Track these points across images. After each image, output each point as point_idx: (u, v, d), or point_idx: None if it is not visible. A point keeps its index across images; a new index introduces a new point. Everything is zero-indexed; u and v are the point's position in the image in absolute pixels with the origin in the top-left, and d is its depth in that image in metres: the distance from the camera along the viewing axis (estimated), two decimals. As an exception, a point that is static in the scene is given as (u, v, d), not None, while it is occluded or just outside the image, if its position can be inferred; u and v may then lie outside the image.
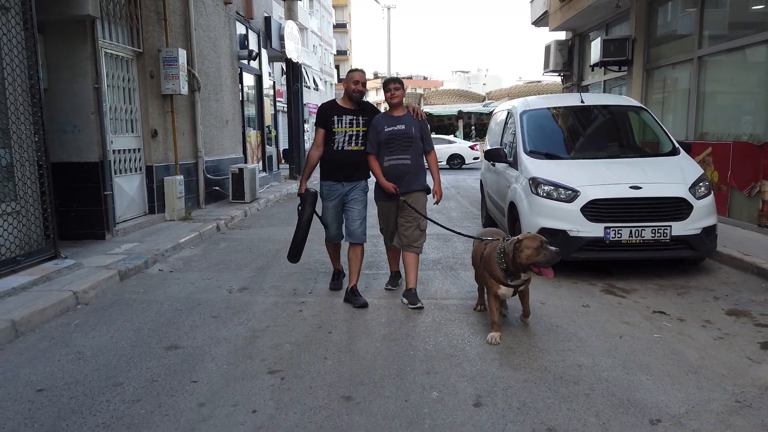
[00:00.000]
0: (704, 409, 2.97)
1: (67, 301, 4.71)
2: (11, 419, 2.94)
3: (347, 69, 41.84)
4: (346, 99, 4.91)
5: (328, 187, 4.96)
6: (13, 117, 5.32)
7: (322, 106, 5.03)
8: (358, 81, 4.81)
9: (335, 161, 4.87)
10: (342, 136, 4.81)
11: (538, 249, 3.77)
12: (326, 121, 4.84)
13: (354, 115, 4.84)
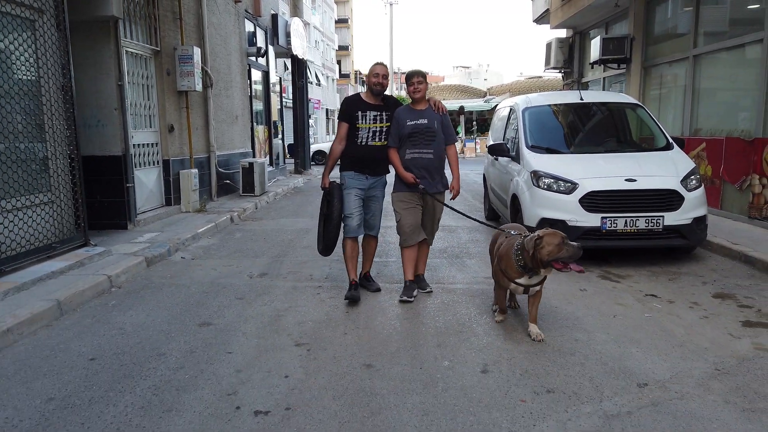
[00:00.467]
0: (686, 375, 3.34)
1: (102, 284, 5.09)
2: (71, 383, 3.31)
3: (349, 64, 42.17)
4: (370, 93, 4.87)
5: (351, 177, 4.90)
6: (47, 113, 5.69)
7: (346, 100, 5.00)
8: (379, 74, 4.78)
9: (359, 156, 4.86)
10: (366, 131, 4.81)
11: (560, 245, 3.73)
12: (350, 115, 4.83)
13: (378, 111, 4.83)
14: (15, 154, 5.26)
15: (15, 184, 5.24)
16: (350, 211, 4.88)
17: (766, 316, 4.36)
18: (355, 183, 4.89)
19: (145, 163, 8.38)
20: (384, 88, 4.83)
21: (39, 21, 5.58)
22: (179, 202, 9.11)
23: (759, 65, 7.38)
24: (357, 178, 4.90)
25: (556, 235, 3.80)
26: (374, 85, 4.79)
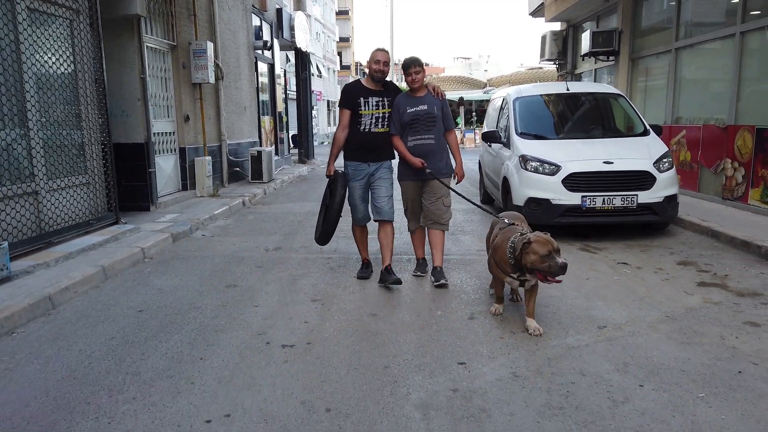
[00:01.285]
0: (640, 320, 4.00)
1: (137, 255, 5.75)
2: (126, 327, 3.97)
3: (350, 55, 42.63)
4: (370, 80, 4.86)
5: (354, 168, 4.94)
6: (83, 103, 6.33)
7: (347, 87, 4.99)
8: (380, 60, 4.76)
9: (362, 143, 4.86)
10: (369, 118, 4.82)
11: (544, 258, 3.58)
12: (353, 102, 4.81)
13: (380, 97, 4.83)
14: (59, 140, 5.91)
15: (60, 167, 5.89)
16: (354, 202, 5.00)
17: (719, 278, 5.01)
18: (358, 174, 4.94)
19: (164, 151, 9.02)
20: (385, 75, 4.83)
21: (76, 21, 6.21)
22: (194, 188, 9.76)
23: (732, 58, 7.99)
24: (359, 167, 4.94)
25: (545, 245, 3.62)
26: (375, 72, 4.77)
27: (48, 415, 2.77)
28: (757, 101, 7.59)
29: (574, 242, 6.44)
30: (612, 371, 3.19)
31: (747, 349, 3.48)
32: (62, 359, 3.44)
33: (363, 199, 5.02)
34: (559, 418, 2.69)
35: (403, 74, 4.84)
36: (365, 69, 5.06)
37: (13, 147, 5.26)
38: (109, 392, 3.00)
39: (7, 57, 5.19)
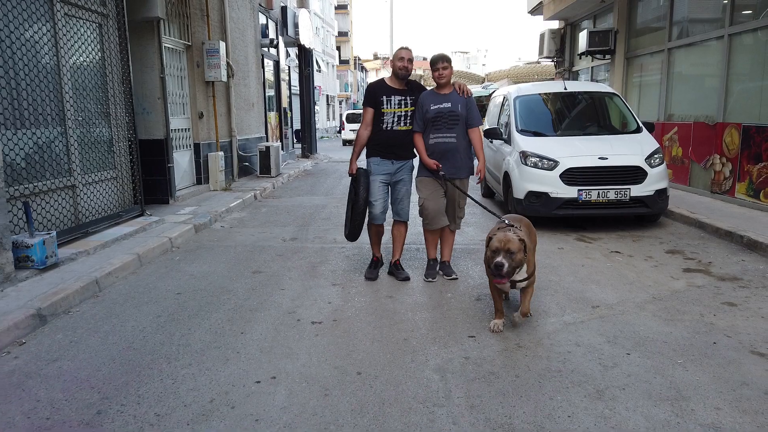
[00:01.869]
0: (629, 301, 4.46)
1: (166, 244, 6.19)
2: (169, 307, 4.42)
3: (349, 50, 42.86)
4: (394, 78, 4.93)
5: (376, 163, 4.99)
6: (112, 102, 6.75)
7: (370, 85, 5.05)
8: (404, 57, 4.81)
9: (384, 141, 4.93)
10: (391, 116, 4.87)
11: (493, 254, 3.62)
12: (375, 101, 4.87)
13: (402, 96, 4.88)
14: (92, 137, 6.34)
15: (92, 162, 6.32)
16: (374, 197, 4.99)
17: (703, 265, 5.48)
18: (380, 169, 4.98)
19: (180, 147, 9.44)
20: (409, 72, 4.87)
21: (105, 25, 6.62)
22: (208, 182, 10.19)
23: (720, 59, 8.43)
24: (382, 164, 4.98)
25: (499, 242, 3.61)
26: (399, 69, 4.83)
27: (119, 377, 3.22)
28: (744, 100, 8.04)
29: (571, 233, 6.90)
30: (603, 342, 3.65)
31: (722, 324, 3.94)
32: (119, 333, 3.89)
33: (382, 196, 5.02)
34: (557, 379, 3.16)
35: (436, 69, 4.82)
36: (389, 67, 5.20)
37: (54, 144, 5.69)
38: (167, 360, 3.46)
39: (49, 61, 5.61)
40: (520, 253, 3.60)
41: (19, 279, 4.56)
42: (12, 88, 5.09)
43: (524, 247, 3.64)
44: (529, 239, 3.82)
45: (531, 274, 3.81)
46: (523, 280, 3.77)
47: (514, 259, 3.57)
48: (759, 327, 3.88)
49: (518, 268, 3.65)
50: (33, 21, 5.40)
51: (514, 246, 3.57)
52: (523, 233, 3.79)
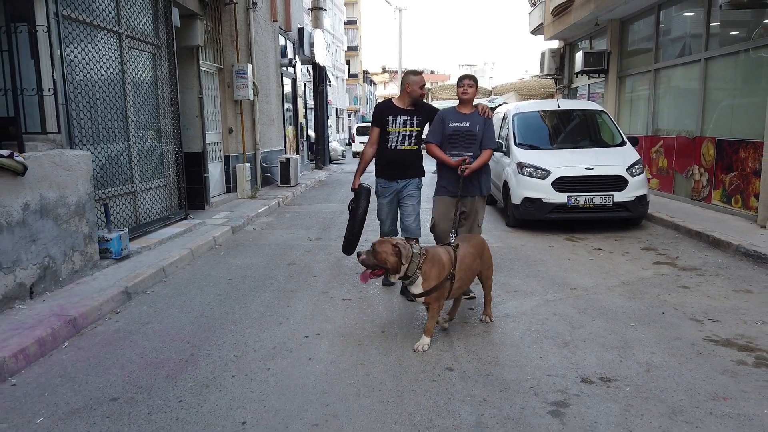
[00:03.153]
0: (602, 285, 5.41)
1: (210, 242, 7.21)
2: (225, 289, 5.42)
3: (358, 64, 43.93)
4: (403, 99, 5.02)
5: (382, 185, 5.12)
6: (162, 120, 7.82)
7: (378, 105, 5.17)
8: (423, 85, 4.99)
9: (389, 160, 5.05)
10: (396, 135, 4.99)
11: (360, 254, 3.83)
12: (381, 120, 5.00)
13: (408, 116, 4.98)
14: (147, 150, 7.40)
15: (148, 172, 7.38)
16: (381, 218, 5.20)
17: (671, 258, 6.43)
18: (385, 191, 5.14)
19: (213, 159, 10.51)
20: (423, 96, 5.07)
21: (157, 54, 7.71)
22: (236, 190, 11.24)
23: (698, 79, 9.41)
24: (387, 186, 5.12)
25: (382, 243, 3.82)
26: (420, 96, 4.99)
27: (200, 334, 4.22)
28: (718, 117, 9.01)
29: (561, 234, 7.86)
30: (575, 313, 4.61)
31: (674, 301, 4.89)
32: (191, 306, 4.90)
33: (390, 215, 5.17)
34: (535, 335, 4.12)
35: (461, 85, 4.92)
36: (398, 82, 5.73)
37: (121, 156, 6.75)
38: (234, 323, 4.46)
39: (118, 86, 6.68)
40: (389, 256, 3.71)
41: (102, 266, 5.59)
42: (94, 110, 6.15)
43: (398, 254, 3.73)
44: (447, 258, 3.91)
45: (428, 291, 3.81)
46: (420, 294, 3.84)
47: (377, 257, 3.73)
48: (702, 303, 4.83)
49: (389, 270, 3.77)
50: (108, 55, 6.48)
51: (382, 247, 3.75)
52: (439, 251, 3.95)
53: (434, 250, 3.96)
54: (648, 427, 2.86)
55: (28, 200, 4.54)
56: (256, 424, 2.95)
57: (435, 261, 3.85)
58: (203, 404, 3.16)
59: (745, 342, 3.95)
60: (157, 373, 3.56)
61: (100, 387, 3.40)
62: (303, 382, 3.42)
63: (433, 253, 3.89)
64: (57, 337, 3.99)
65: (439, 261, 3.87)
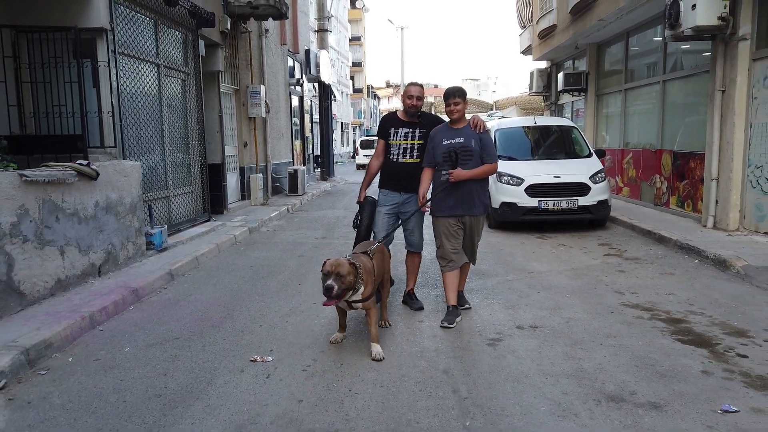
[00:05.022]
0: (554, 270, 6.63)
1: (232, 239, 8.48)
2: (247, 274, 6.67)
3: (362, 79, 45.39)
4: (405, 112, 5.00)
5: (385, 194, 5.11)
6: (190, 135, 9.13)
7: (383, 117, 5.18)
8: (413, 95, 4.84)
9: (392, 172, 5.04)
10: (397, 148, 4.98)
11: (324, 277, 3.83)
12: (385, 132, 5.03)
13: (410, 128, 4.94)
14: (178, 162, 8.71)
15: (179, 180, 8.68)
16: (377, 228, 5.12)
17: (620, 251, 7.64)
18: (387, 200, 5.10)
19: (230, 169, 11.81)
20: (418, 108, 4.91)
21: (187, 79, 9.05)
22: (249, 198, 12.53)
23: (658, 98, 10.68)
24: (390, 195, 5.09)
25: (328, 266, 3.84)
26: (410, 107, 4.90)
27: (232, 302, 5.47)
28: (674, 132, 10.26)
29: (534, 233, 9.09)
30: (526, 288, 5.84)
31: (608, 280, 6.11)
32: (222, 284, 6.16)
33: (385, 227, 5.07)
34: (489, 300, 5.34)
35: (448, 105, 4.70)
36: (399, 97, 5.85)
37: (158, 167, 8.05)
38: (258, 295, 5.70)
39: (155, 106, 8.01)
40: (350, 276, 3.82)
41: (148, 255, 6.86)
42: (138, 127, 7.47)
43: (356, 271, 3.88)
44: (370, 264, 4.14)
45: (367, 297, 3.96)
46: (359, 301, 3.95)
47: (344, 281, 3.78)
48: (630, 282, 6.05)
49: (350, 290, 3.88)
50: (149, 82, 7.81)
51: (344, 269, 3.80)
52: (364, 260, 4.11)
53: (362, 259, 4.12)
54: (553, 351, 4.09)
55: (98, 199, 5.83)
56: (280, 351, 4.19)
57: (367, 269, 4.05)
58: (241, 341, 4.41)
59: (650, 305, 5.17)
60: (204, 324, 4.82)
61: (164, 332, 4.65)
62: (312, 329, 4.67)
63: (364, 261, 4.07)
64: (125, 301, 5.25)
65: (369, 268, 4.10)
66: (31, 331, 4.21)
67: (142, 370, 3.88)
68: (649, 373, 3.67)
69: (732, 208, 8.07)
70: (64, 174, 5.21)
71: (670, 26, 8.29)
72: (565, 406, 3.26)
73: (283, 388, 3.57)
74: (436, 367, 3.86)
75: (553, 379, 3.63)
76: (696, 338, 4.31)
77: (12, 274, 4.63)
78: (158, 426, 3.11)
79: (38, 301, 4.92)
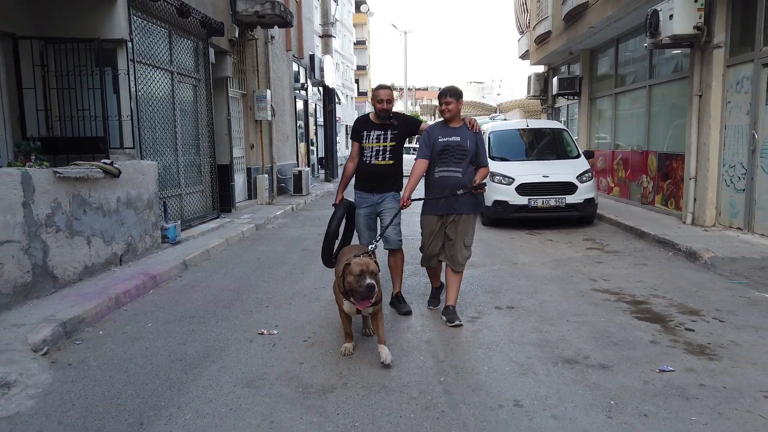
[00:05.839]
0: (538, 261, 7.18)
1: (240, 235, 9.06)
2: (255, 264, 7.24)
3: (367, 82, 46.04)
4: (376, 115, 4.99)
5: (359, 196, 5.12)
6: (201, 138, 9.73)
7: (356, 120, 5.14)
8: (383, 99, 4.85)
9: (366, 174, 5.04)
10: (370, 150, 4.96)
11: (357, 278, 3.64)
12: (358, 135, 5.03)
13: (381, 131, 4.95)
14: (190, 162, 9.31)
15: (190, 179, 9.28)
16: (359, 229, 5.16)
17: (602, 245, 8.17)
18: (362, 202, 5.12)
19: (237, 170, 12.41)
20: (388, 112, 4.91)
21: (198, 85, 9.65)
22: (256, 197, 13.13)
23: (645, 102, 11.21)
24: (364, 197, 5.10)
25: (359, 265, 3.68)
26: (380, 111, 4.91)
27: (241, 287, 6.05)
28: (659, 134, 10.79)
29: (524, 230, 9.63)
30: (509, 276, 6.39)
31: (585, 270, 6.65)
32: (232, 273, 6.73)
33: (368, 227, 5.14)
34: (474, 287, 5.89)
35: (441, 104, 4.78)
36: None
37: (171, 166, 8.65)
38: (265, 282, 6.28)
39: (169, 110, 8.61)
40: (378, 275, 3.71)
41: (163, 247, 7.45)
42: (153, 130, 8.07)
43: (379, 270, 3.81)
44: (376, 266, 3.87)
45: (380, 299, 3.90)
46: (374, 304, 3.80)
47: (377, 280, 3.70)
48: (605, 271, 6.59)
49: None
50: (164, 88, 8.42)
51: (374, 268, 3.73)
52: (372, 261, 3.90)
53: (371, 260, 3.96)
54: (524, 326, 4.64)
55: (120, 195, 6.42)
56: (284, 326, 4.76)
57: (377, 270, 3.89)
58: (250, 319, 4.98)
59: (618, 290, 5.71)
60: (217, 306, 5.39)
61: (182, 311, 5.23)
62: (313, 310, 5.24)
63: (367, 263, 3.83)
64: (146, 286, 5.84)
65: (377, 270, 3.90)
66: (66, 308, 4.80)
67: (164, 340, 4.46)
68: (604, 343, 4.22)
69: (708, 205, 8.60)
70: (92, 171, 5.81)
71: (650, 35, 8.84)
72: (526, 366, 3.82)
73: (286, 354, 4.14)
74: (420, 339, 4.43)
75: (519, 346, 4.18)
76: (653, 316, 4.85)
77: (47, 259, 5.22)
78: (181, 381, 3.68)
79: (69, 285, 5.51)
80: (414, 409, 3.25)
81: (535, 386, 3.52)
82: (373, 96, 4.92)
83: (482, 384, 3.57)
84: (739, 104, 8.04)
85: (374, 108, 4.98)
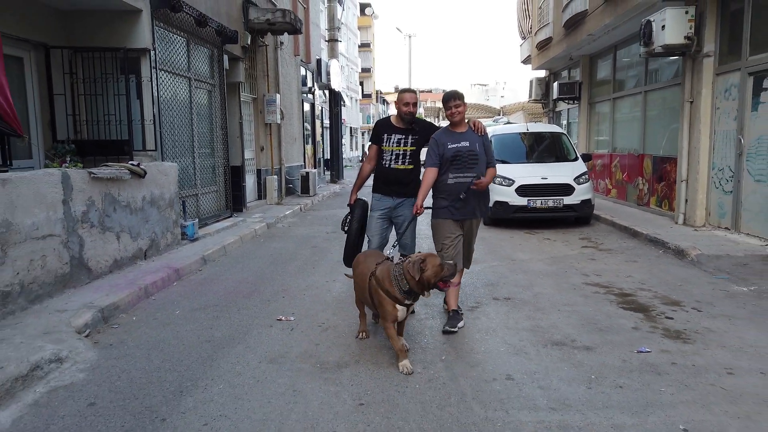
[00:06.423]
0: (535, 258, 7.62)
1: (252, 233, 9.54)
2: (269, 260, 7.71)
3: (371, 85, 46.49)
4: (399, 118, 4.97)
5: (377, 199, 5.07)
6: (215, 140, 10.22)
7: (377, 123, 5.10)
8: (408, 102, 4.83)
9: (385, 177, 5.01)
10: (389, 154, 4.95)
11: (441, 265, 3.81)
12: (378, 137, 5.00)
13: (403, 135, 4.91)
14: (205, 164, 9.79)
15: (205, 180, 9.76)
16: (371, 232, 5.10)
17: (596, 244, 8.61)
18: (379, 205, 5.06)
19: (248, 171, 12.89)
20: (413, 115, 4.88)
21: (213, 90, 10.14)
22: (265, 197, 13.61)
23: (641, 107, 11.65)
24: (382, 200, 5.05)
25: (434, 257, 3.87)
26: (405, 114, 4.87)
27: (258, 280, 6.51)
28: (653, 138, 11.22)
29: (523, 229, 10.08)
30: (507, 271, 6.84)
31: (579, 266, 7.10)
32: (248, 268, 7.20)
33: (379, 232, 5.08)
34: (473, 281, 6.34)
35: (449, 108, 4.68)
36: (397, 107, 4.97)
37: (188, 168, 9.13)
38: (279, 276, 6.74)
39: (187, 115, 9.09)
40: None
41: (182, 244, 7.93)
42: (173, 133, 8.56)
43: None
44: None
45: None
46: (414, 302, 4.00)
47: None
48: (598, 267, 7.03)
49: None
50: (182, 94, 8.91)
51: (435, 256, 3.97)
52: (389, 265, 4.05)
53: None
54: (518, 314, 5.10)
55: (145, 194, 6.90)
56: (300, 313, 5.23)
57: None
58: (268, 307, 5.45)
59: (608, 284, 6.16)
60: (236, 296, 5.86)
61: (205, 301, 5.70)
62: (326, 299, 5.71)
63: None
64: (170, 279, 6.32)
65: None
66: (102, 297, 5.28)
67: (192, 325, 4.93)
68: (590, 329, 4.67)
69: (699, 206, 9.03)
70: (121, 172, 6.29)
71: (644, 44, 9.28)
72: (519, 348, 4.27)
73: (303, 337, 4.61)
74: (423, 325, 4.89)
75: (513, 331, 4.64)
76: (637, 306, 5.30)
77: (83, 252, 5.70)
78: (212, 359, 4.15)
79: (101, 276, 6.00)
80: (419, 381, 3.71)
81: (525, 364, 3.97)
82: (398, 99, 4.91)
83: (479, 362, 4.03)
84: (727, 110, 8.48)
85: (398, 111, 4.94)
